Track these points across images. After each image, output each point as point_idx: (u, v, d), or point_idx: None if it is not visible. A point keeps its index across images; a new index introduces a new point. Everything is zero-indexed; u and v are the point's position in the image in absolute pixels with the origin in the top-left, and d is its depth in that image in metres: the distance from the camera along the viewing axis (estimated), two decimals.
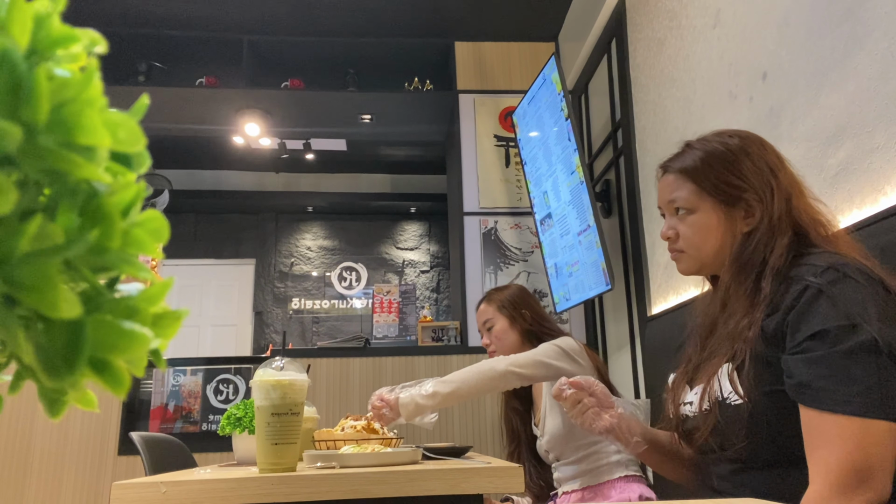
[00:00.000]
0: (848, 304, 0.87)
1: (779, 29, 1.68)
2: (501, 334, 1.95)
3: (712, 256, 1.10)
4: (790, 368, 0.90)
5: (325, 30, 3.89)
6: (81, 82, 0.26)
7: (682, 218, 1.12)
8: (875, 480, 0.81)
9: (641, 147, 2.64)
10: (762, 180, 1.05)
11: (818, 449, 0.85)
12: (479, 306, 2.06)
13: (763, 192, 1.05)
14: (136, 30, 3.82)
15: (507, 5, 3.66)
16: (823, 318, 0.87)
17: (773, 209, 1.03)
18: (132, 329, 0.27)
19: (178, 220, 6.25)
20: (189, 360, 3.18)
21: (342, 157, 5.98)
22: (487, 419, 3.14)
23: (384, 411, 1.60)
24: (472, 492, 0.99)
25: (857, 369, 0.83)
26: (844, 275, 0.90)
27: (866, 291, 0.88)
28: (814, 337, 0.87)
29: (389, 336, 5.09)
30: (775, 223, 1.02)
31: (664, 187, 1.16)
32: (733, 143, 1.10)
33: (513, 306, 1.97)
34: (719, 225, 1.08)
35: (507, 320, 1.96)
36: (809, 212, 1.05)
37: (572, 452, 1.80)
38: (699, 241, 1.11)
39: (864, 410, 0.82)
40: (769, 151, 1.10)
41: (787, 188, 1.05)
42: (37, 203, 0.26)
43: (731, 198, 1.07)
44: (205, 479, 0.95)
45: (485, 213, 3.66)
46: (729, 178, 1.07)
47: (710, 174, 1.09)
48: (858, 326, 0.84)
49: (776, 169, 1.07)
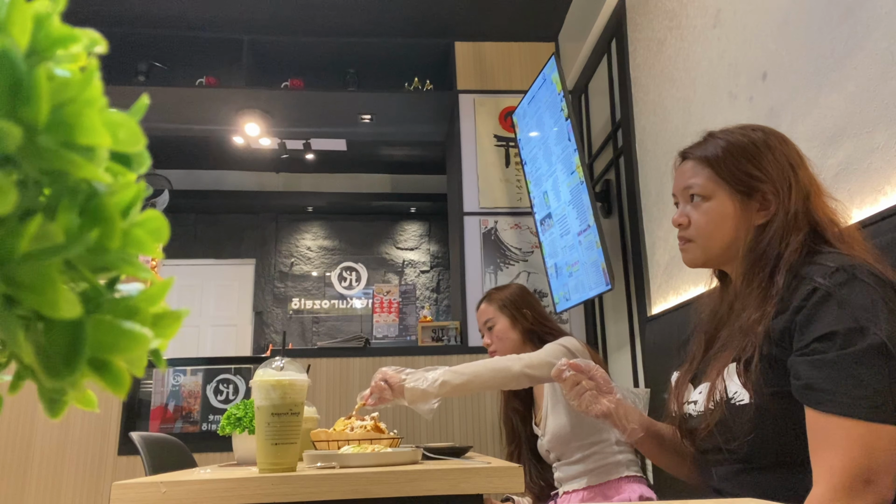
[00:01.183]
0: (857, 307, 0.86)
1: (779, 29, 1.68)
2: (503, 334, 1.94)
3: (722, 247, 1.10)
4: (797, 370, 0.89)
5: (325, 30, 3.89)
6: (81, 82, 0.26)
7: (697, 205, 1.12)
8: (879, 484, 0.81)
9: (641, 147, 2.64)
10: (781, 175, 1.06)
11: (823, 451, 0.84)
12: (480, 306, 2.05)
13: (781, 187, 1.05)
14: (136, 30, 3.82)
15: (507, 5, 3.66)
16: (832, 320, 0.87)
17: (789, 204, 1.03)
18: (132, 329, 0.27)
19: (178, 220, 6.25)
20: (189, 360, 3.18)
21: (342, 157, 5.98)
22: (487, 419, 3.14)
23: (385, 394, 1.57)
24: (472, 492, 0.99)
25: (865, 373, 0.83)
26: (854, 276, 0.89)
27: (876, 294, 0.87)
28: (822, 339, 0.87)
29: (389, 336, 5.09)
30: (791, 218, 1.02)
31: (681, 174, 1.16)
32: (757, 136, 1.10)
33: (514, 306, 1.96)
34: (734, 215, 1.08)
35: (509, 320, 1.95)
36: (826, 211, 1.05)
37: (574, 452, 1.79)
38: (711, 230, 1.10)
39: (871, 414, 0.81)
40: (791, 148, 1.10)
41: (806, 185, 1.05)
42: (37, 203, 0.26)
43: (749, 188, 1.07)
44: (205, 479, 0.95)
45: (485, 213, 3.66)
46: (748, 168, 1.08)
47: (730, 163, 1.09)
48: (867, 329, 0.84)
49: (796, 165, 1.07)
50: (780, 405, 0.92)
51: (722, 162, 1.10)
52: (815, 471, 0.85)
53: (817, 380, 0.86)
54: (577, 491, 1.78)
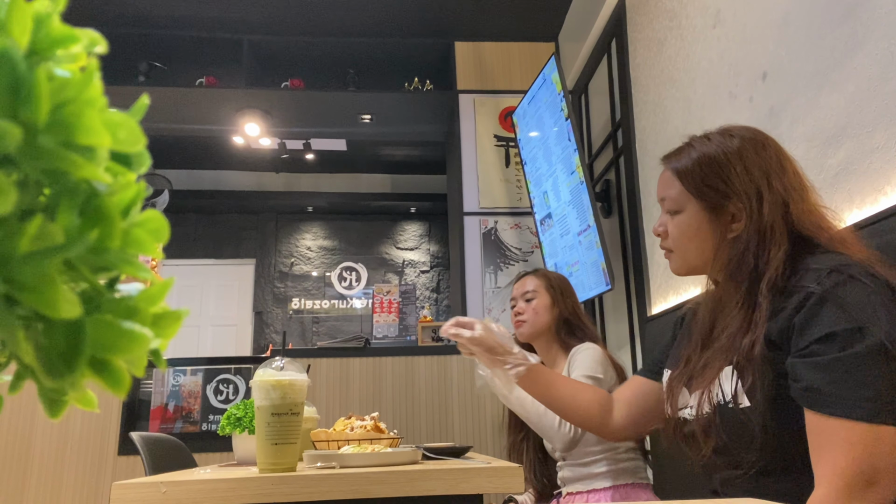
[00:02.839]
0: (855, 307, 0.85)
1: (779, 29, 1.68)
2: (540, 310, 1.91)
3: (700, 258, 1.09)
4: (797, 372, 0.88)
5: (325, 30, 3.89)
6: (81, 82, 0.26)
7: (672, 217, 1.12)
8: (882, 486, 0.80)
9: (641, 147, 2.64)
10: (750, 187, 1.03)
11: (825, 453, 0.83)
12: (526, 276, 2.02)
13: (748, 200, 1.02)
14: (136, 30, 3.82)
15: (507, 5, 3.66)
16: (831, 321, 0.86)
17: (761, 217, 1.00)
18: (132, 329, 0.27)
19: (178, 220, 6.25)
20: (189, 360, 3.18)
21: (342, 157, 5.99)
22: (487, 419, 3.14)
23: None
24: (472, 492, 0.99)
25: (866, 374, 0.82)
26: (850, 276, 0.88)
27: (873, 293, 0.86)
28: (821, 341, 0.86)
29: (389, 336, 5.10)
30: (765, 231, 0.99)
31: (660, 183, 1.15)
32: (731, 144, 1.07)
33: (560, 290, 1.94)
34: (704, 229, 1.07)
35: (550, 299, 1.93)
36: (813, 217, 1.01)
37: (581, 455, 1.77)
38: (685, 242, 1.10)
39: (873, 415, 0.80)
40: (769, 155, 1.06)
41: (783, 194, 1.02)
42: (37, 203, 0.26)
43: (714, 203, 1.06)
44: (205, 479, 0.95)
45: (485, 213, 3.66)
46: (715, 182, 1.05)
47: (697, 177, 1.07)
48: (867, 329, 0.83)
49: (772, 174, 1.03)
50: (779, 408, 0.91)
51: (690, 175, 1.08)
52: (817, 473, 0.84)
53: (818, 382, 0.85)
54: (581, 493, 1.76)
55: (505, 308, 3.52)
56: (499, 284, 3.57)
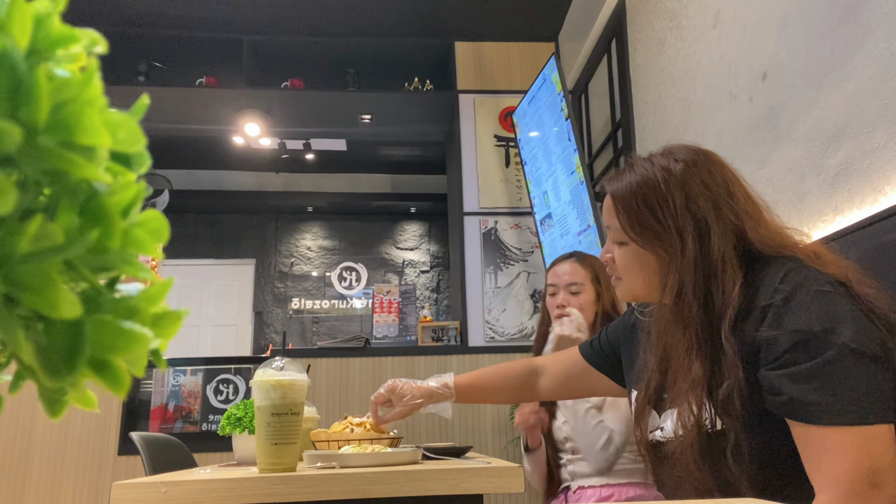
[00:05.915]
0: (816, 309, 0.84)
1: (779, 29, 1.68)
2: (587, 307, 1.77)
3: (644, 290, 1.05)
4: (774, 385, 0.86)
5: (325, 30, 3.89)
6: (81, 82, 0.26)
7: (618, 246, 1.06)
8: (885, 485, 0.79)
9: (641, 147, 2.64)
10: (692, 221, 0.96)
11: (821, 461, 0.82)
12: (567, 262, 1.85)
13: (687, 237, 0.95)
14: (136, 30, 3.82)
15: (507, 5, 3.66)
16: (796, 326, 0.84)
17: (710, 251, 0.94)
18: (132, 329, 0.27)
19: (178, 220, 6.25)
20: (189, 360, 3.18)
21: (342, 157, 5.98)
22: (487, 419, 3.14)
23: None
24: (472, 492, 0.99)
25: (844, 377, 0.81)
26: (805, 278, 0.87)
27: (831, 294, 0.85)
28: (792, 350, 0.84)
29: (389, 336, 5.10)
30: (715, 267, 0.93)
31: (604, 209, 1.08)
32: (674, 171, 0.99)
33: (605, 281, 1.79)
34: (650, 263, 1.01)
35: (595, 294, 1.79)
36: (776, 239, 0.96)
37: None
38: (631, 274, 1.05)
39: (863, 418, 0.80)
40: (717, 180, 0.98)
41: (735, 221, 0.95)
42: (37, 203, 0.26)
43: (653, 242, 0.99)
44: (205, 479, 0.95)
45: (485, 213, 3.66)
46: (649, 221, 0.98)
47: (633, 212, 1.00)
48: (833, 331, 0.82)
49: (721, 202, 0.96)
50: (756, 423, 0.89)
51: (625, 208, 1.01)
52: (816, 481, 0.83)
53: (800, 393, 0.83)
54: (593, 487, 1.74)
55: (505, 308, 3.52)
56: (499, 284, 3.57)
